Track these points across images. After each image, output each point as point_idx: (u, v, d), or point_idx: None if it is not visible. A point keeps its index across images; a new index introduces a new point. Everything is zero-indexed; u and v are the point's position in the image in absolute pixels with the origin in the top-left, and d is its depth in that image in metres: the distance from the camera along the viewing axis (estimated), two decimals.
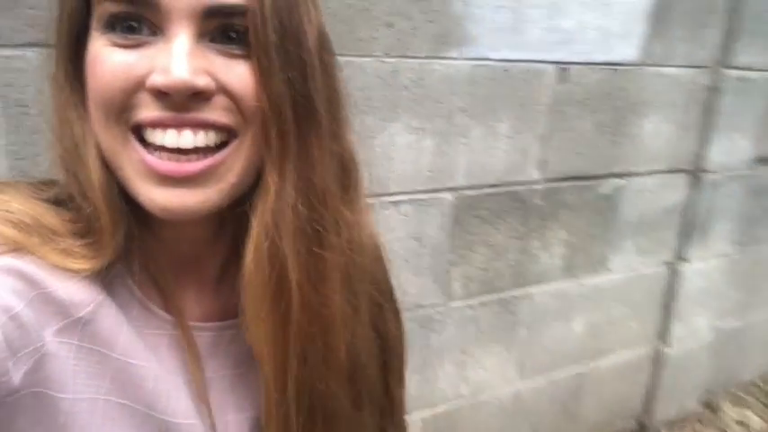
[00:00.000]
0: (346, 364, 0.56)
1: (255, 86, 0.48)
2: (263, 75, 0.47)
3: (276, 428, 0.54)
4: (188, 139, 0.47)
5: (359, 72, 1.21)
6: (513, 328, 1.72)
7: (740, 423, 2.30)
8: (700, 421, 2.29)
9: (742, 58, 1.87)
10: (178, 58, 0.45)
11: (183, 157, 0.47)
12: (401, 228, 1.41)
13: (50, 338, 0.46)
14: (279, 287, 0.51)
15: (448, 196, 1.45)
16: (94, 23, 0.48)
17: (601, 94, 1.64)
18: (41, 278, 0.47)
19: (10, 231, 0.47)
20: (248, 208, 0.51)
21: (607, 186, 1.77)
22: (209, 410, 0.55)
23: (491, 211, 1.54)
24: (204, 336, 0.57)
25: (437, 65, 1.32)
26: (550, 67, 1.53)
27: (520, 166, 1.55)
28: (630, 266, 1.92)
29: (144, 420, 0.51)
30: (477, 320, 1.63)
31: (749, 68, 1.90)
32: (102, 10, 0.47)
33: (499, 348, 1.71)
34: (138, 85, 0.46)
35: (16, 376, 0.43)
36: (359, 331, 0.57)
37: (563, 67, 1.55)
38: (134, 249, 0.51)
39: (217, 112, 0.47)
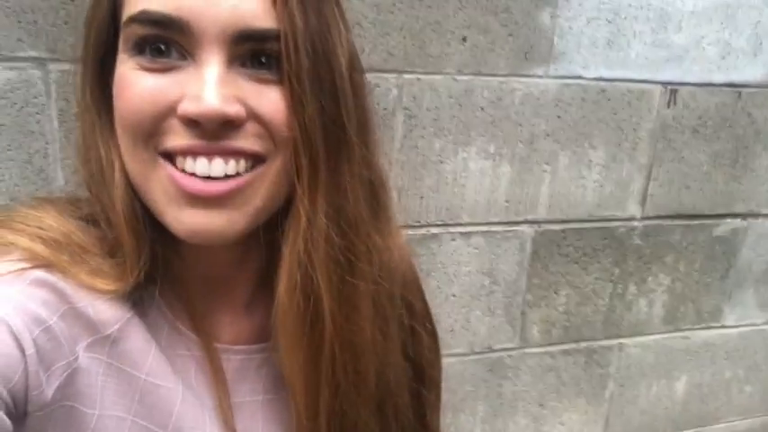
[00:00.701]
0: (376, 392, 0.56)
1: (287, 113, 0.47)
2: (296, 101, 0.47)
3: None
4: (219, 167, 0.47)
5: (428, 91, 1.11)
6: (600, 383, 1.51)
7: None
8: None
9: None
10: (210, 85, 0.44)
11: (212, 180, 0.47)
12: (472, 262, 1.28)
13: (82, 353, 0.47)
14: (312, 316, 0.51)
15: (527, 229, 1.30)
16: (122, 45, 0.47)
17: (719, 121, 1.42)
18: (71, 293, 0.47)
19: (40, 248, 0.47)
20: (279, 235, 0.51)
21: (724, 228, 1.52)
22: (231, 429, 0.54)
23: (579, 248, 1.37)
24: (234, 359, 0.56)
25: (517, 83, 1.19)
26: (656, 88, 1.34)
27: (616, 199, 1.37)
28: (749, 321, 1.64)
29: None
30: (558, 370, 1.45)
31: None
32: (130, 32, 0.46)
33: (583, 404, 1.51)
34: (169, 111, 0.46)
35: (49, 390, 0.43)
36: (389, 359, 0.57)
37: (672, 88, 1.35)
38: (164, 272, 0.51)
39: (248, 140, 0.47)
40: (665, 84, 1.34)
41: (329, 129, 0.48)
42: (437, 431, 0.66)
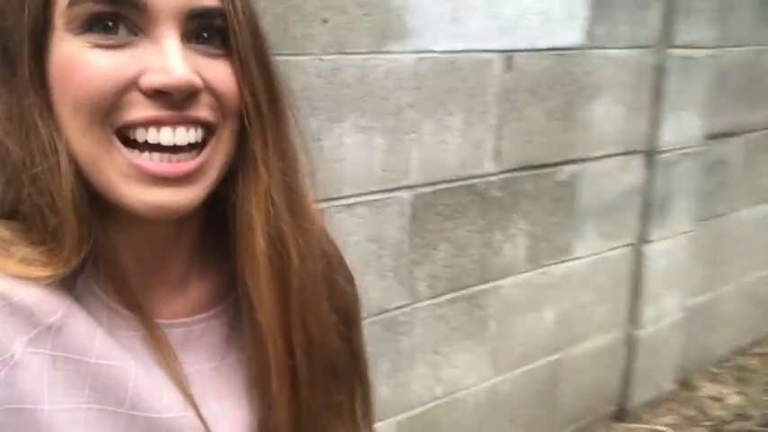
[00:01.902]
0: (336, 321, 0.62)
1: (237, 84, 0.51)
2: (245, 73, 0.51)
3: (289, 391, 0.58)
4: (182, 136, 0.49)
5: (297, 72, 1.17)
6: (483, 324, 1.69)
7: (716, 399, 2.32)
8: (676, 401, 2.30)
9: (684, 37, 1.89)
10: (175, 58, 0.47)
11: (174, 157, 0.49)
12: (358, 231, 1.37)
13: (21, 350, 0.46)
14: (283, 265, 0.55)
15: (404, 195, 1.42)
16: (63, 25, 0.47)
17: (548, 81, 1.64)
18: (4, 289, 0.47)
19: None
20: (233, 200, 0.54)
21: (564, 173, 1.76)
22: (194, 401, 0.56)
23: (450, 206, 1.52)
24: (174, 333, 0.58)
25: (378, 60, 1.29)
26: (496, 56, 1.51)
27: (475, 158, 1.53)
28: (595, 251, 1.92)
29: (129, 422, 0.52)
30: (446, 319, 1.60)
31: (691, 47, 1.93)
32: (80, 10, 0.46)
33: (471, 345, 1.68)
34: (129, 86, 0.47)
35: None
36: (334, 295, 0.64)
37: (508, 55, 1.54)
38: (97, 255, 0.51)
39: (203, 110, 0.50)
40: (501, 52, 1.52)
41: (271, 94, 0.54)
42: (366, 362, 0.72)
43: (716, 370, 2.48)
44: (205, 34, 0.50)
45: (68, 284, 0.50)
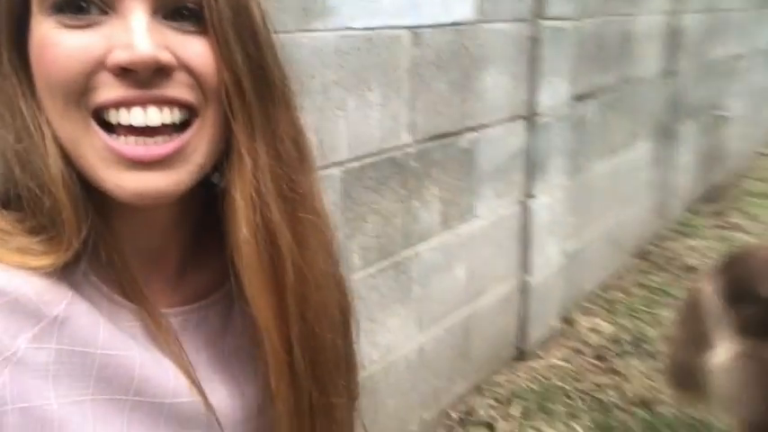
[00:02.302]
0: (333, 318, 0.60)
1: (215, 62, 0.48)
2: (222, 50, 0.48)
3: (287, 387, 0.57)
4: (154, 116, 0.47)
5: None
6: (408, 288, 1.79)
7: (593, 330, 2.66)
8: (563, 336, 2.61)
9: (553, 10, 2.10)
10: (140, 32, 0.45)
11: (150, 140, 0.47)
12: None
13: (25, 346, 0.45)
14: (274, 254, 0.53)
15: (335, 171, 1.45)
16: (37, 6, 0.46)
17: (449, 54, 1.74)
18: (4, 283, 0.46)
19: None
20: (223, 186, 0.52)
21: (465, 140, 1.89)
22: (200, 386, 0.55)
23: (375, 179, 1.57)
24: (172, 322, 0.57)
25: (303, 38, 1.29)
26: (405, 32, 1.58)
27: (393, 131, 1.60)
28: (493, 210, 2.10)
29: (133, 407, 0.51)
30: (378, 287, 1.67)
31: (561, 18, 2.15)
32: None
33: (399, 309, 1.77)
34: (98, 66, 0.45)
35: None
36: (334, 286, 0.61)
37: (415, 30, 1.61)
38: (96, 243, 0.50)
39: (179, 89, 0.48)
40: (410, 28, 1.59)
41: (257, 73, 0.50)
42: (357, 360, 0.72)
43: (588, 305, 2.85)
44: (184, 11, 0.48)
45: (67, 275, 0.49)
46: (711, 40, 3.65)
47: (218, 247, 0.59)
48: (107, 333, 0.50)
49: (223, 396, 0.59)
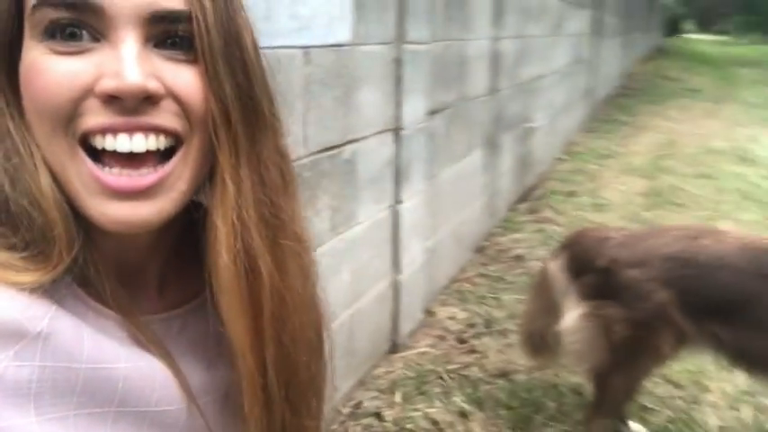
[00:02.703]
0: (309, 342, 0.60)
1: (203, 91, 0.48)
2: (211, 79, 0.48)
3: (261, 409, 0.57)
4: (140, 142, 0.47)
5: None
6: None
7: (451, 318, 2.98)
8: (427, 326, 2.88)
9: (413, 34, 2.36)
10: (129, 62, 0.45)
11: (135, 172, 0.47)
12: None
13: (5, 365, 0.43)
14: (252, 280, 0.53)
15: None
16: (29, 31, 0.46)
17: (334, 73, 1.89)
18: None
19: None
20: (204, 211, 0.53)
21: (348, 152, 2.05)
22: (190, 392, 0.55)
23: None
24: (155, 328, 0.57)
25: None
26: (298, 52, 1.69)
27: (292, 145, 1.69)
28: (371, 216, 2.28)
29: (117, 419, 0.50)
30: None
31: (418, 42, 2.41)
32: (40, 16, 0.45)
33: None
34: (86, 93, 0.46)
35: None
36: (312, 310, 0.62)
37: (306, 50, 1.73)
38: (78, 257, 0.49)
39: (165, 117, 0.48)
40: (302, 48, 1.70)
41: (245, 103, 0.51)
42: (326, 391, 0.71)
43: (444, 297, 3.17)
44: (176, 40, 0.48)
45: (50, 289, 0.48)
46: (522, 63, 4.27)
47: (197, 256, 0.59)
48: (91, 346, 0.49)
49: (209, 401, 0.59)
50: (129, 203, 0.47)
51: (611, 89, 7.79)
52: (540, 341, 2.11)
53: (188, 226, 0.58)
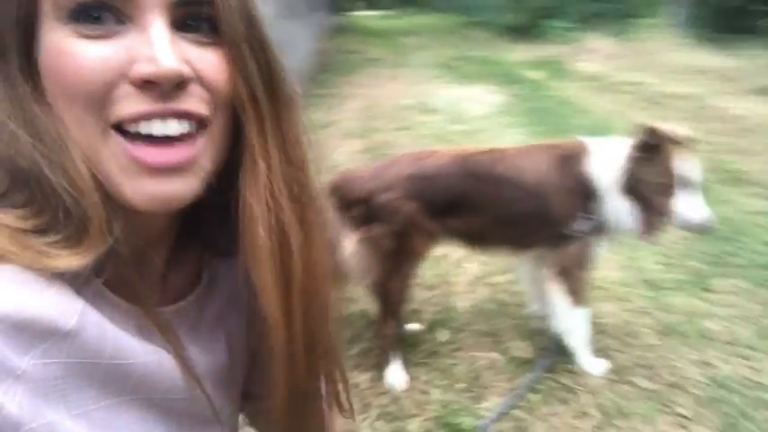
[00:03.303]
0: (330, 309, 0.64)
1: (229, 73, 0.50)
2: (237, 62, 0.50)
3: (286, 376, 0.59)
4: (174, 127, 0.48)
5: None
6: None
7: None
8: None
9: None
10: (163, 46, 0.45)
11: (168, 149, 0.48)
12: None
13: (34, 362, 0.43)
14: (285, 256, 0.55)
15: None
16: (52, 13, 0.46)
17: None
18: (14, 304, 0.43)
19: None
20: (236, 188, 0.54)
21: None
22: (200, 382, 0.57)
23: None
24: (166, 320, 0.58)
25: None
26: None
27: None
28: None
29: (129, 407, 0.51)
30: None
31: None
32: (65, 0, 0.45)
33: None
34: (119, 77, 0.46)
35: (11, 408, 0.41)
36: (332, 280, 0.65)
37: None
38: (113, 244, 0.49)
39: (193, 102, 0.48)
40: None
41: (268, 83, 0.52)
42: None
43: None
44: (194, 22, 0.49)
45: (74, 281, 0.47)
46: None
47: (191, 247, 0.63)
48: (113, 342, 0.49)
49: (211, 385, 0.61)
50: (164, 180, 0.48)
51: (307, 67, 8.46)
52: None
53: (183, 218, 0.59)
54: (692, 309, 2.76)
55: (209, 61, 0.49)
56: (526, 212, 2.20)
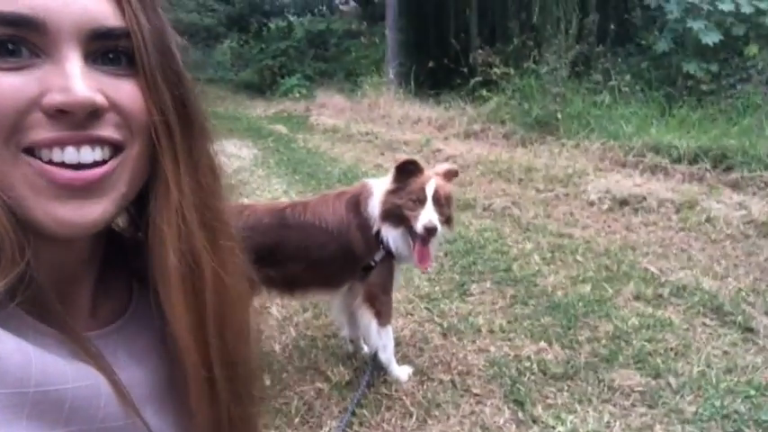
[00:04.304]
0: (248, 334, 0.64)
1: (144, 103, 0.51)
2: (151, 91, 0.52)
3: (208, 401, 0.59)
4: (88, 154, 0.49)
5: None
6: None
7: None
8: None
9: None
10: (76, 77, 0.47)
11: (81, 171, 0.49)
12: None
13: None
14: (196, 280, 0.56)
15: None
16: None
17: None
18: None
19: None
20: (148, 214, 0.56)
21: None
22: (134, 406, 0.55)
23: None
24: (94, 345, 0.56)
25: None
26: None
27: None
28: None
29: None
30: None
31: None
32: None
33: None
34: (31, 106, 0.46)
35: None
36: (247, 304, 0.66)
37: None
38: (24, 271, 0.48)
39: (109, 129, 0.50)
40: None
41: (182, 112, 0.53)
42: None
43: None
44: (112, 55, 0.50)
45: None
46: None
47: (118, 274, 0.63)
48: (39, 368, 0.47)
49: (153, 408, 0.59)
50: (76, 203, 0.48)
51: None
52: None
53: (108, 247, 0.60)
54: (461, 310, 3.40)
55: (125, 91, 0.50)
56: (334, 254, 2.48)
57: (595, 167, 5.85)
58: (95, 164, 0.49)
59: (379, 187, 2.55)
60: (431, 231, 2.31)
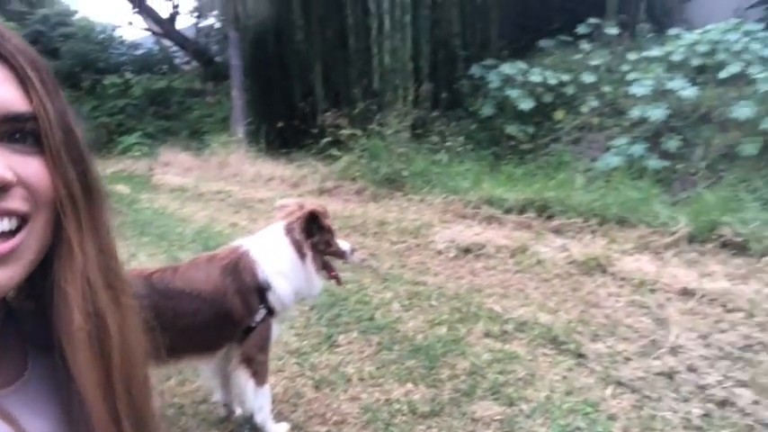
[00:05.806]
0: (151, 385, 0.67)
1: (51, 178, 0.56)
2: (57, 168, 0.56)
3: None
4: None
5: None
6: None
7: None
8: None
9: None
10: None
11: None
12: None
13: None
14: (102, 339, 0.59)
15: None
16: None
17: None
18: None
19: None
20: (51, 277, 0.58)
21: None
22: None
23: None
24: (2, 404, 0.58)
25: None
26: None
27: None
28: None
29: None
30: None
31: None
32: None
33: None
34: None
35: None
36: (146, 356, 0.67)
37: None
38: None
39: (16, 202, 0.54)
40: None
41: (85, 184, 0.58)
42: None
43: None
44: (19, 135, 0.54)
45: None
46: None
47: (17, 334, 0.64)
48: None
49: None
50: None
51: None
52: None
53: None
54: (331, 361, 3.49)
55: (32, 168, 0.54)
56: (208, 320, 2.43)
57: (440, 219, 6.36)
58: (2, 234, 0.53)
59: (257, 245, 2.58)
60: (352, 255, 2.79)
